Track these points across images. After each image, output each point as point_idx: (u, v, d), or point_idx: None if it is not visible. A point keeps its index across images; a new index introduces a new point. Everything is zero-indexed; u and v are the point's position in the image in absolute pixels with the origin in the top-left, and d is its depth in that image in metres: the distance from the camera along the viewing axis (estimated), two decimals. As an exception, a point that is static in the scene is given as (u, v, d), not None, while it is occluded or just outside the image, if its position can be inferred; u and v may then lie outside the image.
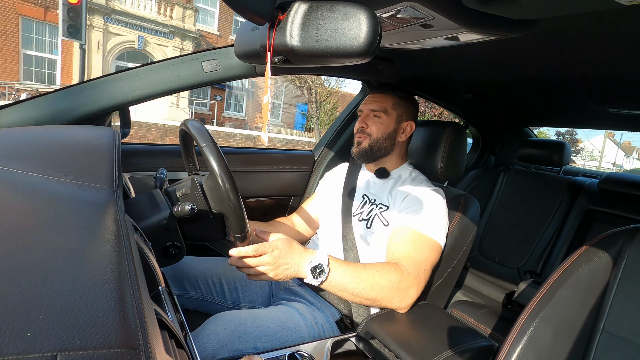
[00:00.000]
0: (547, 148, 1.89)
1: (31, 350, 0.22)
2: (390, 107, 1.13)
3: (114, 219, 0.44)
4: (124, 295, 0.30)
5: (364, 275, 0.88)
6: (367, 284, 0.87)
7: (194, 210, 0.73)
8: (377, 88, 1.18)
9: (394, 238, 1.00)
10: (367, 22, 0.52)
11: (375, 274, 0.89)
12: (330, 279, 0.85)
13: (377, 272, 0.89)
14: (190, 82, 1.05)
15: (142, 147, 1.27)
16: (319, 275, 0.84)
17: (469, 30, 0.72)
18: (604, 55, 0.85)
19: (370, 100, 1.15)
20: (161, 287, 0.51)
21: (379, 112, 1.12)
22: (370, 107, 1.14)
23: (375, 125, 1.12)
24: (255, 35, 0.66)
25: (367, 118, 1.13)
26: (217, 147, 0.73)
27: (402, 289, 0.90)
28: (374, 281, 0.88)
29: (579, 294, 0.67)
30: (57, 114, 0.94)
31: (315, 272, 0.84)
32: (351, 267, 0.89)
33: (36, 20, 10.78)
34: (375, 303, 0.90)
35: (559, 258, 1.69)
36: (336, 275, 0.86)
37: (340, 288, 0.87)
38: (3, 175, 0.49)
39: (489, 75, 1.24)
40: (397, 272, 0.90)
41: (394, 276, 0.89)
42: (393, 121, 1.13)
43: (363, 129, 1.13)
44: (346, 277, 0.87)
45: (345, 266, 0.88)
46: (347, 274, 0.87)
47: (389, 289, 0.88)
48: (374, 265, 0.92)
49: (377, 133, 1.12)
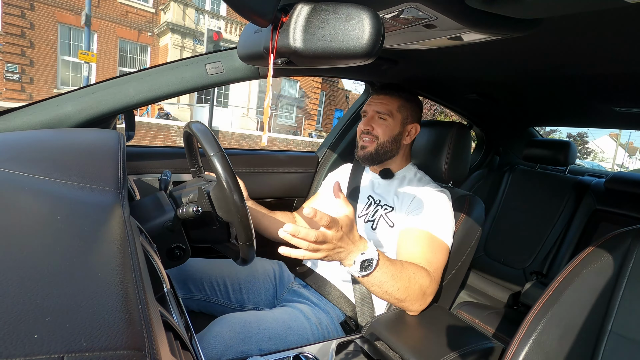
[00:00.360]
0: (553, 148, 1.88)
1: (38, 351, 0.22)
2: (396, 109, 1.11)
3: (119, 221, 0.44)
4: (129, 297, 0.30)
5: (402, 276, 0.84)
6: (402, 285, 0.84)
7: (198, 212, 0.73)
8: (381, 89, 1.15)
9: (410, 240, 0.98)
10: (370, 23, 0.52)
11: (412, 276, 0.86)
12: (373, 275, 0.80)
13: (413, 274, 0.87)
14: (194, 84, 1.05)
15: (146, 149, 1.28)
16: (366, 269, 0.79)
17: (472, 30, 0.72)
18: (609, 54, 0.84)
19: (375, 102, 1.13)
20: (166, 288, 0.51)
21: (385, 115, 1.10)
22: (375, 109, 1.11)
23: (381, 128, 1.10)
24: (258, 37, 0.66)
25: (372, 120, 1.11)
26: (225, 156, 0.73)
27: (427, 294, 0.89)
28: (408, 283, 0.85)
29: (586, 294, 0.66)
30: (63, 117, 0.95)
31: (364, 265, 0.78)
32: (394, 265, 0.84)
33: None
34: (402, 303, 0.88)
35: (565, 259, 1.67)
36: (379, 272, 0.81)
37: (376, 284, 0.82)
38: (10, 178, 0.50)
39: (493, 75, 1.24)
40: (427, 278, 0.89)
41: (425, 281, 0.88)
42: (399, 124, 1.11)
43: (369, 131, 1.11)
44: (387, 276, 0.82)
45: (390, 264, 0.83)
46: (389, 273, 0.82)
47: (417, 292, 0.87)
48: (410, 266, 0.88)
49: (383, 136, 1.10)
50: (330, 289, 1.07)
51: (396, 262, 0.86)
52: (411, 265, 0.89)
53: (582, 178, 1.83)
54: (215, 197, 0.80)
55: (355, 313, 1.02)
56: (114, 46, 11.96)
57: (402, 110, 1.12)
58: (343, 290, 1.05)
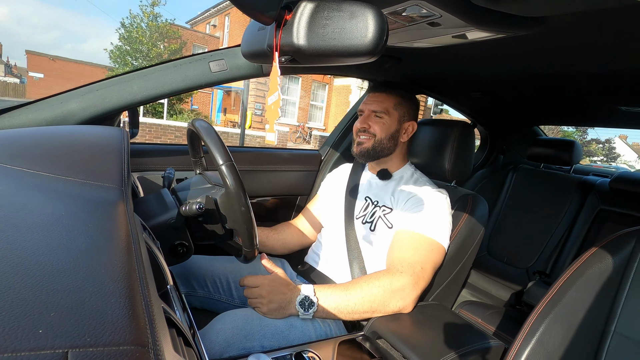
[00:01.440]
0: (557, 147, 1.87)
1: (43, 346, 0.22)
2: (392, 107, 1.11)
3: (123, 218, 0.45)
4: (133, 294, 0.30)
5: (352, 291, 0.89)
6: (358, 296, 0.88)
7: (201, 209, 0.73)
8: (377, 87, 1.16)
9: (393, 243, 1.01)
10: (374, 21, 0.52)
11: (363, 285, 0.90)
12: (321, 307, 0.87)
13: (365, 282, 0.90)
14: (197, 82, 1.05)
15: (150, 147, 1.28)
16: (309, 307, 0.86)
17: (477, 28, 0.71)
18: (615, 52, 0.83)
19: (371, 100, 1.13)
20: (169, 285, 0.52)
21: (381, 113, 1.10)
22: (371, 108, 1.12)
23: (377, 125, 1.10)
24: (262, 35, 0.66)
25: (368, 118, 1.12)
26: (235, 166, 0.73)
27: (396, 290, 0.89)
28: (363, 292, 0.89)
29: (590, 295, 0.66)
30: (67, 115, 0.95)
31: (305, 305, 0.86)
32: (338, 287, 0.91)
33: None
34: (375, 312, 0.90)
35: (569, 258, 1.66)
36: (325, 301, 0.87)
37: (335, 310, 0.88)
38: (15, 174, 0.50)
39: (497, 74, 1.23)
40: (386, 276, 0.91)
41: (383, 280, 0.90)
42: (395, 121, 1.11)
43: (365, 129, 1.11)
44: (334, 298, 0.88)
45: (332, 288, 0.90)
46: (335, 295, 0.88)
47: (381, 294, 0.88)
48: (362, 277, 0.93)
49: (380, 133, 1.10)
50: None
51: (343, 283, 0.92)
52: (363, 277, 0.94)
53: (586, 178, 1.82)
54: (223, 206, 0.80)
55: (358, 311, 1.03)
56: (308, 83, 15.43)
57: (399, 107, 1.12)
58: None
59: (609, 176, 1.83)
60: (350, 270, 1.06)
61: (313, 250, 1.23)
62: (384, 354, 0.83)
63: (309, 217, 1.30)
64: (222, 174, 0.72)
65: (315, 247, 1.23)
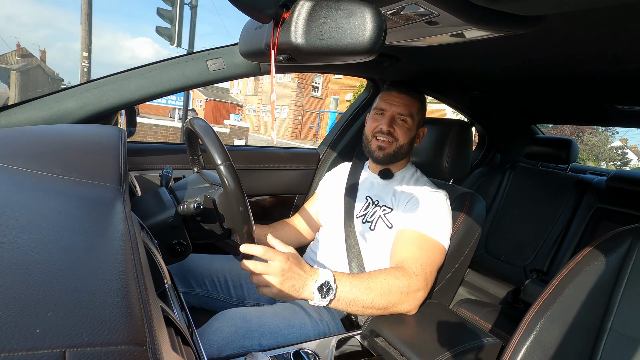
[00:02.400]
0: (554, 146, 1.87)
1: (40, 346, 0.22)
2: (416, 112, 1.08)
3: (120, 217, 0.44)
4: (130, 293, 0.30)
5: (373, 285, 0.83)
6: (377, 293, 0.83)
7: (199, 208, 0.73)
8: (401, 86, 1.10)
9: (399, 241, 0.99)
10: (372, 20, 0.52)
11: (384, 282, 0.84)
12: (338, 296, 0.80)
13: (385, 279, 0.85)
14: (195, 80, 1.05)
15: (147, 145, 1.28)
16: (327, 294, 0.78)
17: (474, 27, 0.72)
18: (612, 52, 0.84)
19: (396, 102, 1.08)
20: (167, 284, 0.52)
21: (406, 117, 1.07)
22: (397, 110, 1.07)
23: (402, 130, 1.07)
24: (259, 33, 0.66)
25: (393, 122, 1.07)
26: (233, 166, 0.73)
27: (411, 292, 0.88)
28: (383, 289, 0.84)
29: (587, 292, 0.66)
30: (64, 113, 0.95)
31: (323, 291, 0.78)
32: (358, 278, 0.84)
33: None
34: (386, 311, 0.87)
35: (566, 256, 1.67)
36: (344, 290, 0.80)
37: (351, 303, 0.81)
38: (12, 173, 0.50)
39: (495, 73, 1.23)
40: (405, 277, 0.87)
41: (403, 281, 0.86)
42: (415, 127, 1.09)
43: (391, 132, 1.07)
44: (354, 290, 0.81)
45: (352, 279, 0.83)
46: (355, 287, 0.81)
47: (398, 294, 0.85)
48: (381, 272, 0.87)
49: (403, 139, 1.07)
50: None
51: (362, 275, 0.85)
52: (382, 271, 0.88)
53: (583, 176, 1.83)
54: (222, 206, 0.80)
55: (356, 309, 1.03)
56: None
57: (419, 113, 1.10)
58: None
59: (606, 175, 1.84)
60: (348, 269, 1.06)
61: (311, 249, 1.23)
62: (382, 352, 0.84)
63: (307, 216, 1.30)
64: (221, 174, 0.72)
65: (313, 245, 1.23)
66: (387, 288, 0.84)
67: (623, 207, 1.62)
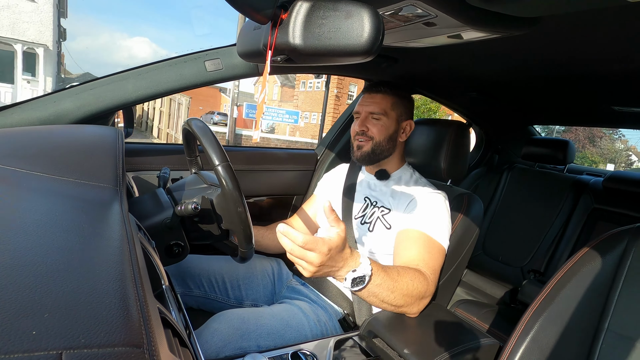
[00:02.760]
0: (551, 146, 1.88)
1: (37, 348, 0.22)
2: (390, 107, 1.09)
3: (118, 218, 0.44)
4: (128, 294, 0.30)
5: (399, 286, 0.82)
6: (399, 293, 0.82)
7: (197, 209, 0.73)
8: (373, 87, 1.13)
9: (405, 241, 0.97)
10: (370, 21, 0.52)
11: (409, 284, 0.84)
12: (367, 289, 0.79)
13: (411, 281, 0.85)
14: (193, 81, 1.05)
15: (145, 146, 1.28)
16: (357, 285, 0.77)
17: (472, 28, 0.72)
18: (608, 53, 0.84)
19: (367, 102, 1.11)
20: (165, 285, 0.52)
21: (378, 115, 1.08)
22: (368, 109, 1.10)
23: (376, 128, 1.08)
24: (257, 34, 0.66)
25: (366, 121, 1.10)
26: (231, 167, 0.73)
27: (424, 298, 0.88)
28: (406, 290, 0.83)
29: (584, 293, 0.66)
30: (61, 114, 0.94)
31: (355, 282, 0.77)
32: (388, 276, 0.82)
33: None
34: (397, 309, 0.87)
35: (563, 257, 1.68)
36: (374, 284, 0.79)
37: (372, 296, 0.81)
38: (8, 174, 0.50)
39: (492, 74, 1.24)
40: (425, 282, 0.87)
41: (422, 285, 0.87)
42: (394, 122, 1.10)
43: (364, 132, 1.09)
44: (382, 287, 0.80)
45: (384, 275, 0.81)
46: (384, 285, 0.80)
47: (414, 297, 0.86)
48: (407, 272, 0.86)
49: (379, 135, 1.09)
50: (328, 286, 1.07)
51: (392, 272, 0.83)
52: (409, 271, 0.87)
53: (580, 177, 1.83)
54: (220, 207, 0.80)
55: (353, 310, 1.03)
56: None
57: (396, 107, 1.10)
58: (341, 287, 1.06)
59: (602, 175, 1.85)
60: None
61: None
62: (380, 353, 0.84)
63: (305, 217, 1.30)
64: (219, 175, 0.72)
65: None
66: (409, 290, 0.84)
67: (620, 208, 1.63)
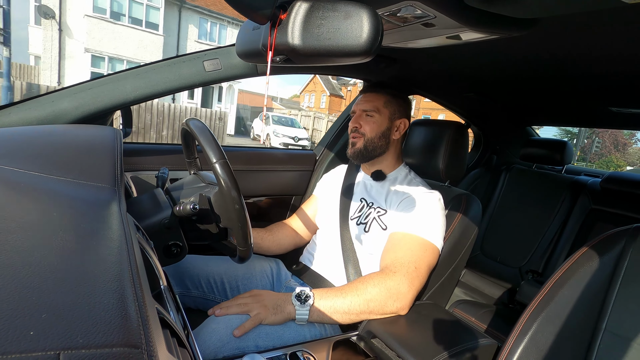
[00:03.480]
0: (549, 147, 1.89)
1: (34, 348, 0.22)
2: (382, 105, 1.13)
3: (116, 218, 0.44)
4: (126, 294, 0.30)
5: (347, 291, 0.90)
6: (354, 296, 0.88)
7: (195, 209, 0.73)
8: (368, 87, 1.19)
9: (387, 245, 1.01)
10: (369, 21, 0.52)
11: (358, 285, 0.90)
12: (317, 302, 0.87)
13: (360, 283, 0.91)
14: (191, 81, 1.05)
15: (143, 146, 1.27)
16: (306, 300, 0.87)
17: (470, 29, 0.72)
18: (607, 54, 0.84)
19: (361, 101, 1.16)
20: (163, 285, 0.51)
21: (371, 112, 1.12)
22: (361, 107, 1.14)
23: (368, 125, 1.12)
24: (256, 34, 0.66)
25: (359, 118, 1.14)
26: (228, 164, 0.73)
27: (391, 288, 0.89)
28: (358, 292, 0.89)
29: (581, 293, 0.66)
30: (59, 114, 0.94)
31: (301, 299, 0.87)
32: (332, 289, 0.92)
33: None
34: (372, 314, 0.89)
35: (561, 257, 1.68)
36: (321, 298, 0.88)
37: (331, 309, 0.88)
38: (6, 174, 0.49)
39: (491, 74, 1.24)
40: (379, 276, 0.91)
41: (377, 280, 0.90)
42: (386, 119, 1.13)
43: (357, 128, 1.13)
44: (330, 296, 0.89)
45: (327, 289, 0.91)
46: (330, 294, 0.89)
47: (377, 293, 0.88)
48: (355, 280, 0.94)
49: (370, 132, 1.12)
50: (326, 287, 1.07)
51: (334, 287, 0.93)
52: (358, 279, 0.94)
53: (578, 178, 1.84)
54: (216, 204, 0.80)
55: (352, 311, 1.03)
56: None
57: (389, 105, 1.13)
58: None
59: (600, 176, 1.86)
60: (345, 271, 1.06)
61: (308, 251, 1.23)
62: (379, 354, 0.84)
63: (304, 217, 1.30)
64: (216, 172, 0.72)
65: (310, 247, 1.23)
66: (362, 290, 0.89)
67: (617, 209, 1.64)
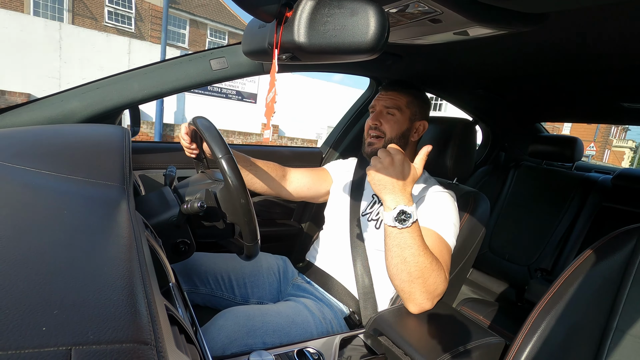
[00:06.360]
0: (559, 144, 1.86)
1: (46, 344, 0.22)
2: (405, 105, 1.09)
3: (125, 216, 0.45)
4: (135, 291, 0.30)
5: (428, 253, 0.83)
6: (423, 260, 0.82)
7: (203, 207, 0.74)
8: (390, 85, 1.14)
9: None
10: (375, 18, 0.52)
11: (434, 261, 0.84)
12: (405, 231, 0.81)
13: (436, 262, 0.85)
14: (198, 80, 1.05)
15: (151, 145, 1.29)
16: (400, 222, 0.81)
17: (478, 24, 0.71)
18: (617, 49, 0.83)
19: (383, 97, 1.11)
20: (171, 283, 0.52)
21: (393, 110, 1.08)
22: (383, 104, 1.10)
23: (389, 124, 1.08)
24: (262, 32, 0.66)
25: (380, 115, 1.10)
26: (233, 159, 0.73)
27: (437, 294, 0.86)
28: (429, 263, 0.83)
29: (592, 292, 0.66)
30: (68, 113, 0.95)
31: (400, 217, 0.81)
32: (424, 240, 0.85)
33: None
34: (408, 286, 0.84)
35: (571, 255, 1.66)
36: (413, 232, 0.82)
37: (402, 245, 0.82)
38: (17, 173, 0.50)
39: (499, 70, 1.22)
40: (444, 275, 0.86)
41: (441, 277, 0.85)
42: (407, 120, 1.10)
43: (377, 126, 1.09)
44: (415, 241, 0.82)
45: (422, 235, 0.85)
46: (418, 240, 0.82)
47: (431, 282, 0.84)
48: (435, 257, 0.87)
49: (391, 132, 1.08)
50: (334, 284, 1.07)
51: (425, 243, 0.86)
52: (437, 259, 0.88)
53: (589, 175, 1.81)
54: (222, 199, 0.80)
55: (359, 308, 1.03)
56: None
57: (411, 106, 1.10)
58: (346, 285, 1.06)
59: (611, 173, 1.83)
60: (353, 268, 1.06)
61: (314, 247, 1.23)
62: (386, 351, 0.84)
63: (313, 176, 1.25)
64: (221, 167, 0.72)
65: (317, 243, 1.23)
66: (432, 266, 0.83)
67: (629, 206, 1.61)
